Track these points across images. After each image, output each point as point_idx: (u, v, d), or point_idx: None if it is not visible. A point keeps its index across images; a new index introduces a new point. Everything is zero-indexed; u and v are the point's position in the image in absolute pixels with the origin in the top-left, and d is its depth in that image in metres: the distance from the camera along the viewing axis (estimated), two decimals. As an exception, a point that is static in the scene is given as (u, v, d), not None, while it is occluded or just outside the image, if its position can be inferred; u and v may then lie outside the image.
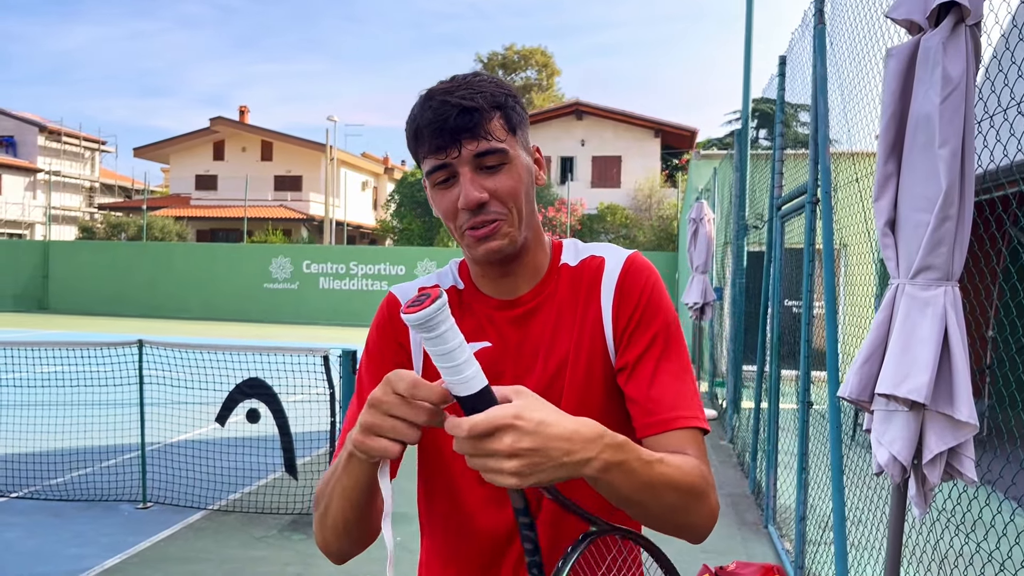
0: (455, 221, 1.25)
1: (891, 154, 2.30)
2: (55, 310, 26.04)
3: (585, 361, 1.28)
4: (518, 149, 1.26)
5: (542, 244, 1.37)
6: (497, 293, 1.34)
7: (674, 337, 1.28)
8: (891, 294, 2.31)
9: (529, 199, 1.28)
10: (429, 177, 1.24)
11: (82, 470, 6.41)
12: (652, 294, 1.30)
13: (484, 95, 1.21)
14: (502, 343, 1.32)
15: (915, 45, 2.24)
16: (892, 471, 2.25)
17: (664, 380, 1.24)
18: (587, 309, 1.31)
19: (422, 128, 1.21)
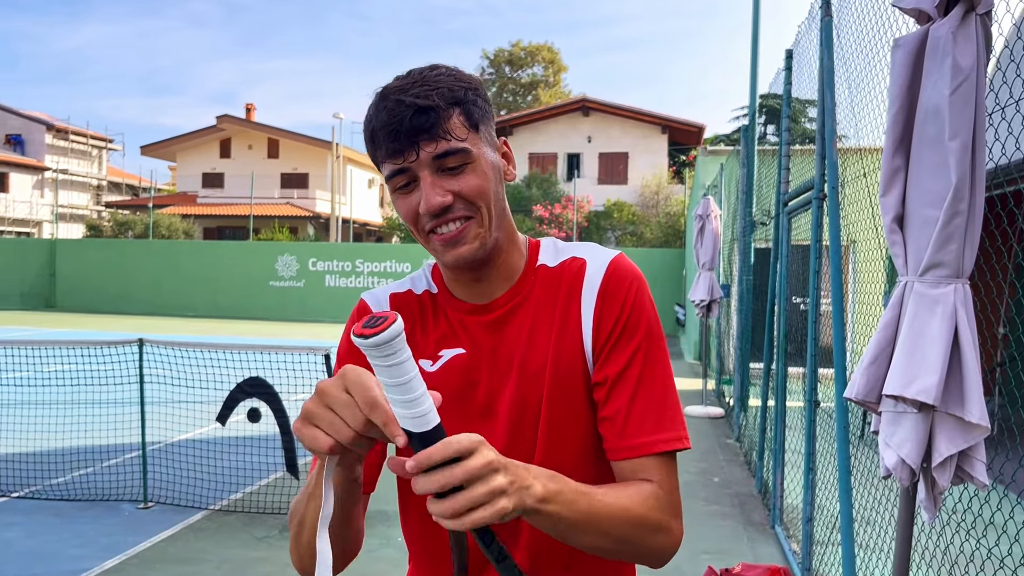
0: (418, 225, 1.19)
1: (899, 148, 2.23)
2: (62, 308, 26.10)
3: (564, 370, 1.21)
4: (482, 146, 1.19)
5: (516, 244, 1.30)
6: (470, 297, 1.28)
7: (656, 347, 1.21)
8: (899, 292, 2.24)
9: (498, 198, 1.21)
10: (389, 182, 1.18)
11: (83, 470, 6.38)
12: (636, 302, 1.22)
13: (441, 92, 1.14)
14: (476, 349, 1.25)
15: (924, 35, 2.17)
16: (900, 475, 2.18)
17: (645, 399, 1.18)
18: (566, 315, 1.24)
19: (377, 131, 1.15)
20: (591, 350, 1.21)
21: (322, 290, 24.79)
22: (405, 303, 1.32)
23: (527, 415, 1.21)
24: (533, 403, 1.21)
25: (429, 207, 1.13)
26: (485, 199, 1.17)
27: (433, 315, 1.30)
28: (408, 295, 1.33)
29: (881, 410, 2.27)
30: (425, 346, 1.27)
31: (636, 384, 1.18)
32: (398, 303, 1.32)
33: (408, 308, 1.31)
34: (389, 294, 1.34)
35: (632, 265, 1.26)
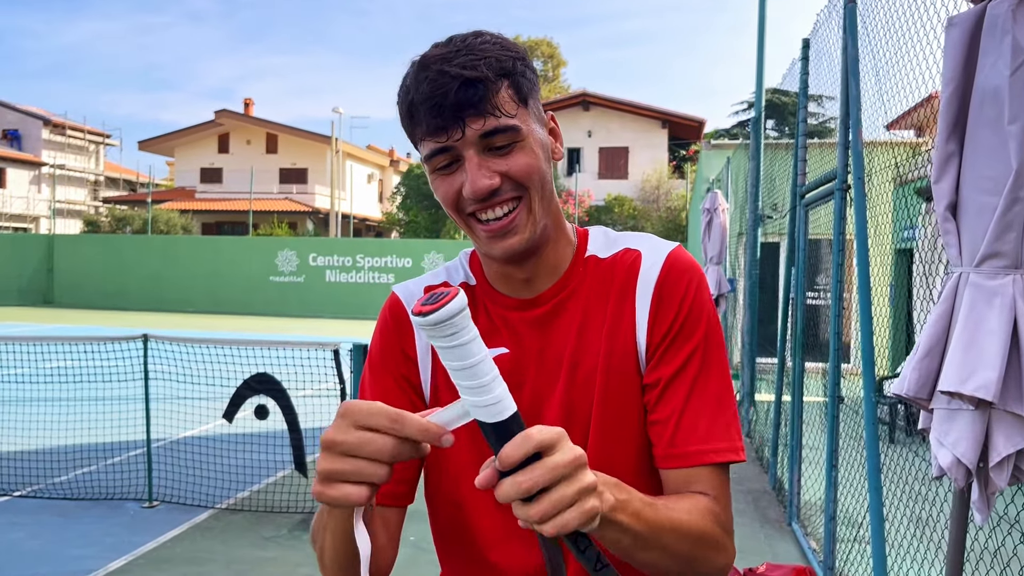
0: (459, 209, 1.07)
1: (953, 132, 2.13)
2: (60, 304, 25.97)
3: (617, 371, 1.10)
4: (531, 123, 1.07)
5: (564, 232, 1.18)
6: (513, 290, 1.16)
7: (714, 350, 1.11)
8: (952, 284, 2.13)
9: (547, 180, 1.10)
10: (428, 162, 1.06)
11: (86, 468, 6.27)
12: (695, 300, 1.11)
13: (488, 61, 1.02)
14: (520, 349, 1.14)
15: (980, 13, 2.06)
16: (956, 475, 2.08)
17: (699, 405, 1.07)
18: (620, 312, 1.12)
19: (417, 105, 1.02)
20: (644, 352, 1.11)
21: (323, 285, 24.69)
22: None
23: (576, 420, 1.11)
24: (583, 407, 1.11)
25: (475, 190, 1.02)
26: (535, 181, 1.06)
27: (472, 310, 1.17)
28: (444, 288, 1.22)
29: (933, 407, 2.16)
30: None
31: (690, 388, 1.08)
32: None
33: None
34: (424, 287, 1.22)
35: (691, 259, 1.15)
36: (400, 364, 1.17)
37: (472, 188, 1.02)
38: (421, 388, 1.17)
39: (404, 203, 35.34)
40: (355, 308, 24.18)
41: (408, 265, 24.23)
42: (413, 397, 1.16)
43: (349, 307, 24.26)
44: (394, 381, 1.16)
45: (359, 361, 5.22)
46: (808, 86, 5.47)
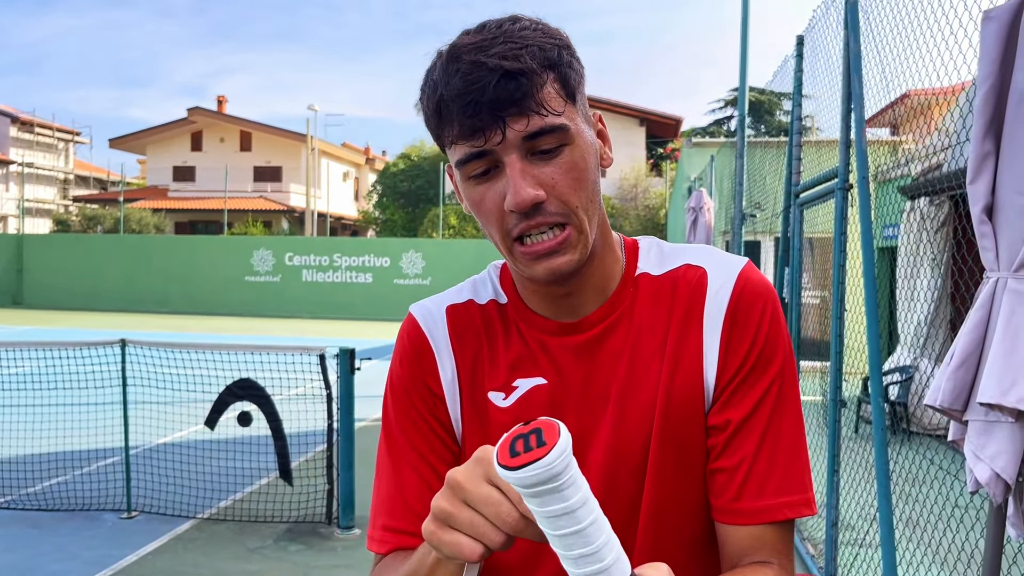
0: (500, 227, 0.92)
1: (989, 130, 2.03)
2: (30, 305, 25.45)
3: (679, 410, 0.96)
4: (579, 122, 0.93)
5: (611, 247, 1.03)
6: (553, 311, 1.01)
7: (789, 385, 0.97)
8: (989, 290, 2.04)
9: (596, 189, 0.95)
10: (461, 169, 0.91)
11: (61, 477, 6.06)
12: (771, 328, 0.97)
13: (531, 51, 0.87)
14: (560, 379, 0.99)
15: (1018, 5, 1.97)
16: (994, 490, 1.98)
17: (771, 453, 0.94)
18: (683, 340, 0.98)
19: (448, 102, 0.87)
20: (711, 388, 0.97)
21: (299, 285, 24.41)
22: (466, 318, 1.05)
23: (626, 464, 0.97)
24: (635, 449, 0.97)
25: (519, 202, 0.87)
26: (585, 190, 0.92)
27: (504, 333, 1.03)
28: (470, 307, 1.06)
29: (968, 418, 2.07)
30: (495, 374, 1.02)
31: (763, 433, 0.94)
32: (457, 317, 1.06)
33: (471, 325, 1.05)
34: (446, 307, 1.07)
35: (763, 278, 1.01)
36: (426, 400, 1.04)
37: (515, 200, 0.87)
38: (451, 425, 1.04)
39: (380, 201, 35.07)
40: (332, 308, 23.93)
41: (386, 264, 24.01)
42: (445, 437, 1.04)
43: (326, 307, 24.00)
44: (423, 420, 1.03)
45: (345, 366, 5.08)
46: (802, 83, 5.39)
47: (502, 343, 1.03)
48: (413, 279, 23.81)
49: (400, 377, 1.06)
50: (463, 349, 1.04)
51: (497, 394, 1.01)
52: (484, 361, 1.03)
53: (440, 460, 1.01)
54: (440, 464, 1.01)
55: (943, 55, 2.98)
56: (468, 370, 1.03)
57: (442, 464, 1.01)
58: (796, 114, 5.44)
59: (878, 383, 3.53)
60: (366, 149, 46.58)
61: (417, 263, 23.82)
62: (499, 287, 1.07)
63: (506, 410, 1.00)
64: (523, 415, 0.98)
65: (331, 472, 5.20)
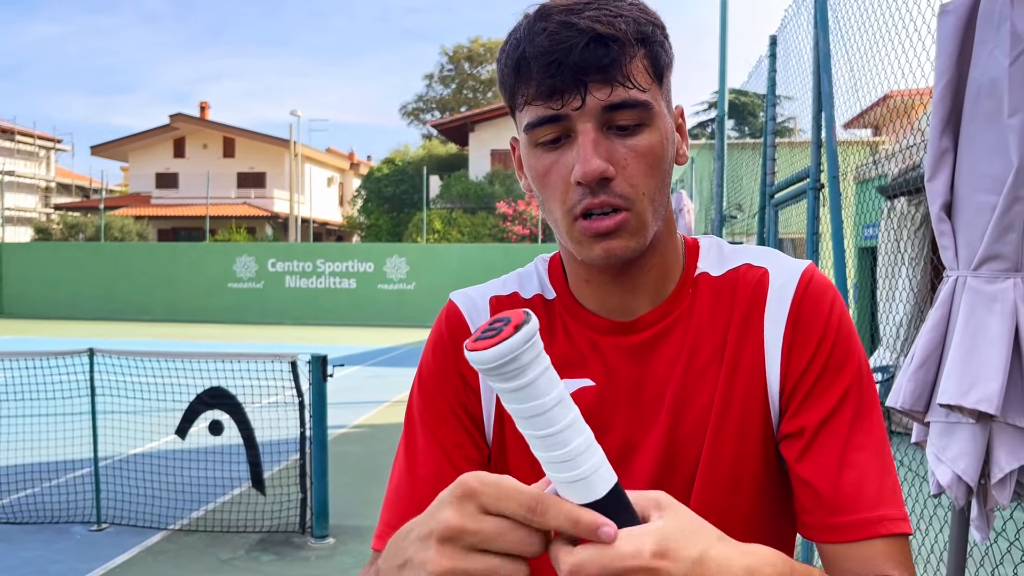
0: (563, 201, 0.86)
1: (946, 127, 2.00)
2: (10, 314, 25.18)
3: (737, 417, 0.89)
4: (663, 105, 0.87)
5: (674, 243, 0.97)
6: (605, 308, 0.95)
7: (868, 391, 0.89)
8: (948, 288, 2.00)
9: (667, 180, 0.89)
10: (530, 132, 0.85)
11: (30, 489, 5.95)
12: (840, 328, 0.90)
13: (626, 19, 0.82)
14: (611, 382, 0.93)
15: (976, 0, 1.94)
16: (956, 493, 1.95)
17: (859, 461, 0.85)
18: (742, 343, 0.91)
19: (528, 60, 0.82)
20: (777, 392, 0.90)
21: (282, 291, 24.26)
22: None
23: (678, 474, 0.90)
24: (687, 459, 0.90)
25: (586, 171, 0.81)
26: (656, 178, 0.86)
27: (549, 330, 0.96)
28: (514, 299, 1.00)
29: (930, 420, 2.03)
30: None
31: (846, 439, 0.86)
32: (500, 309, 0.99)
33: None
34: (489, 297, 1.00)
35: (827, 278, 0.95)
36: (458, 391, 0.95)
37: (583, 168, 0.81)
38: (483, 422, 0.96)
39: (365, 206, 34.94)
40: (316, 314, 23.80)
41: (370, 269, 23.89)
42: (473, 432, 0.95)
43: (310, 313, 23.87)
44: (451, 411, 0.95)
45: (317, 373, 5.01)
46: (776, 84, 5.37)
47: (547, 340, 0.95)
48: (397, 284, 23.71)
49: (430, 367, 0.98)
50: None
51: None
52: None
53: (464, 457, 0.93)
54: (463, 461, 0.92)
55: (907, 53, 2.95)
56: None
57: (465, 462, 0.93)
58: (770, 114, 5.42)
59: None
60: (350, 154, 46.45)
61: (401, 268, 23.71)
62: (547, 281, 1.00)
63: None
64: None
65: (304, 481, 5.13)
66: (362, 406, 9.73)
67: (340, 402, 9.69)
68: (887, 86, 3.46)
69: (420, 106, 48.41)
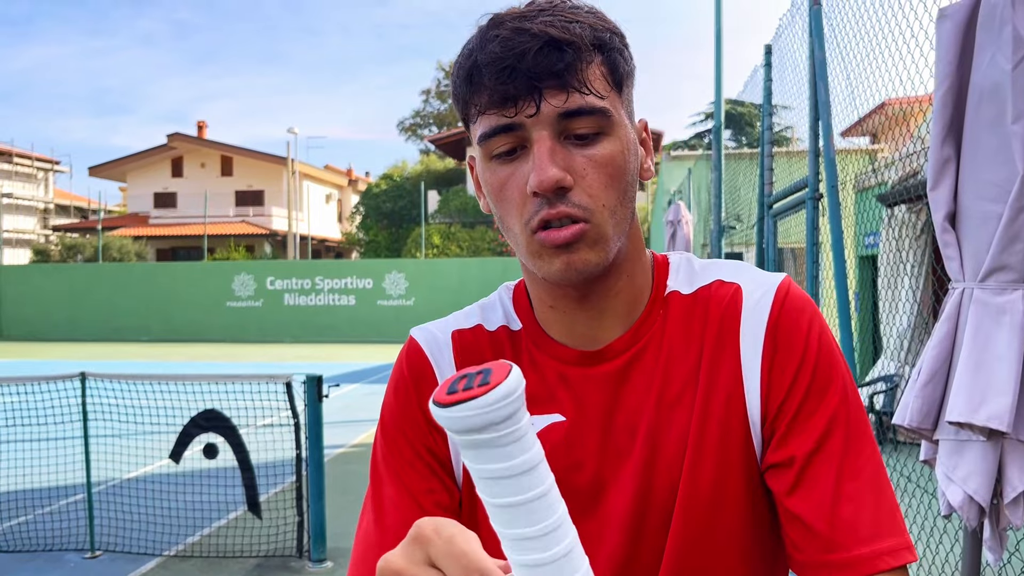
0: (520, 214, 0.80)
1: (948, 134, 1.94)
2: (8, 337, 25.12)
3: (716, 447, 0.83)
4: (623, 114, 0.83)
5: (642, 263, 0.91)
6: (573, 337, 0.89)
7: (856, 412, 0.83)
8: (955, 301, 1.94)
9: (630, 193, 0.84)
10: (484, 144, 0.81)
11: (22, 517, 5.86)
12: (821, 345, 0.84)
13: (582, 25, 0.78)
14: (581, 416, 0.87)
15: (974, 3, 1.88)
16: (967, 514, 1.87)
17: (854, 491, 0.79)
18: (717, 365, 0.85)
19: (481, 67, 0.78)
20: (758, 417, 0.84)
21: (281, 309, 24.20)
22: (474, 345, 0.93)
23: (654, 512, 0.84)
24: (664, 495, 0.84)
25: (541, 179, 0.77)
26: (616, 190, 0.81)
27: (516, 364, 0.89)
28: (478, 332, 0.94)
29: (938, 438, 1.96)
30: None
31: (839, 466, 0.80)
32: (465, 343, 0.93)
33: (479, 353, 0.92)
34: (451, 332, 0.94)
35: (804, 292, 0.88)
36: (422, 432, 0.89)
37: (538, 177, 0.77)
38: (450, 463, 0.90)
39: (364, 222, 34.94)
40: (315, 331, 23.72)
41: (369, 286, 23.84)
42: (442, 475, 0.89)
43: (309, 330, 23.80)
44: (416, 455, 0.89)
45: (312, 394, 4.93)
46: (772, 93, 5.32)
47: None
48: (396, 299, 23.65)
49: (392, 409, 0.92)
50: None
51: None
52: None
53: (435, 503, 0.87)
54: (434, 507, 0.87)
55: (905, 60, 2.90)
56: None
57: (436, 508, 0.87)
58: (766, 124, 5.37)
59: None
60: (348, 171, 46.49)
61: (400, 284, 23.66)
62: (512, 311, 0.94)
63: None
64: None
65: (301, 503, 5.04)
66: (361, 424, 9.64)
67: (339, 420, 9.60)
68: (884, 94, 3.41)
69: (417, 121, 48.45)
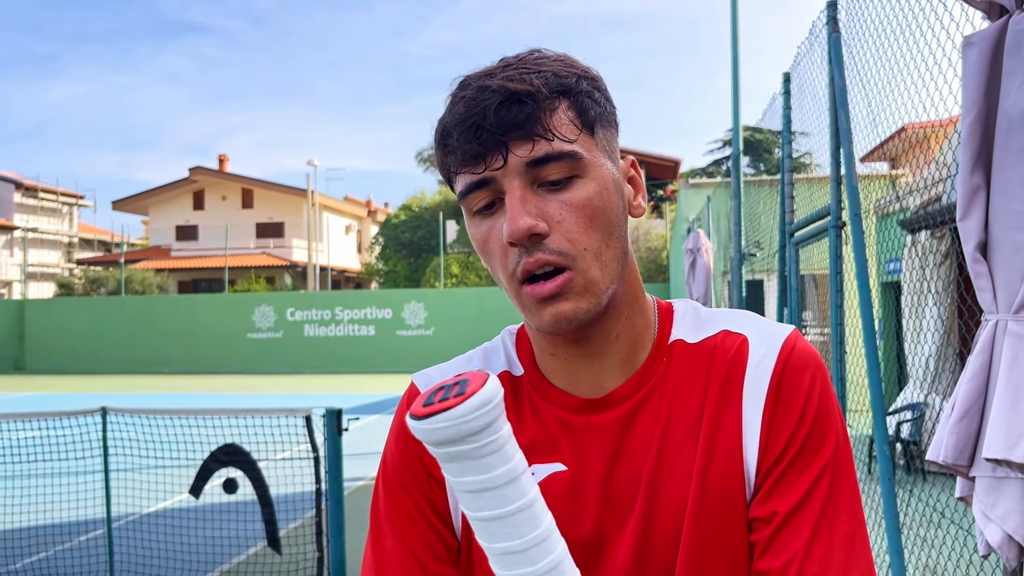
0: (504, 266, 0.81)
1: (977, 163, 1.90)
2: (31, 370, 25.34)
3: (715, 500, 0.82)
4: (597, 155, 0.82)
5: (641, 306, 0.90)
6: (574, 384, 0.88)
7: (844, 470, 0.83)
8: (988, 333, 1.88)
9: (615, 233, 0.83)
10: (464, 200, 0.83)
11: (43, 552, 5.85)
12: (821, 404, 0.83)
13: (544, 75, 0.79)
14: (583, 466, 0.85)
15: (1000, 29, 1.85)
16: (1007, 554, 1.81)
17: (825, 551, 0.79)
18: (719, 418, 0.84)
19: (450, 129, 0.81)
20: (753, 470, 0.83)
21: (301, 340, 24.28)
22: None
23: (655, 566, 0.83)
24: (665, 548, 0.82)
25: (512, 230, 0.77)
26: (598, 231, 0.80)
27: (517, 411, 0.89)
28: None
29: (975, 475, 1.90)
30: None
31: (815, 527, 0.79)
32: None
33: None
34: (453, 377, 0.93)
35: (811, 348, 0.87)
36: (421, 483, 0.88)
37: (510, 227, 0.77)
38: (449, 514, 0.88)
39: (383, 253, 35.09)
40: (335, 362, 23.75)
41: (388, 316, 23.88)
42: (440, 529, 0.88)
43: (329, 361, 23.83)
44: (416, 507, 0.88)
45: (332, 428, 4.90)
46: (791, 121, 5.29)
47: (515, 423, 0.88)
48: (416, 330, 23.67)
49: (393, 457, 0.91)
50: None
51: None
52: None
53: (434, 558, 0.87)
54: (432, 561, 0.86)
55: (928, 86, 2.87)
56: None
57: (434, 561, 0.86)
58: (786, 151, 5.34)
59: (882, 429, 3.35)
60: (368, 201, 46.82)
61: (419, 313, 23.68)
62: (514, 356, 0.93)
63: None
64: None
65: (320, 539, 4.99)
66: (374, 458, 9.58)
67: (359, 453, 9.54)
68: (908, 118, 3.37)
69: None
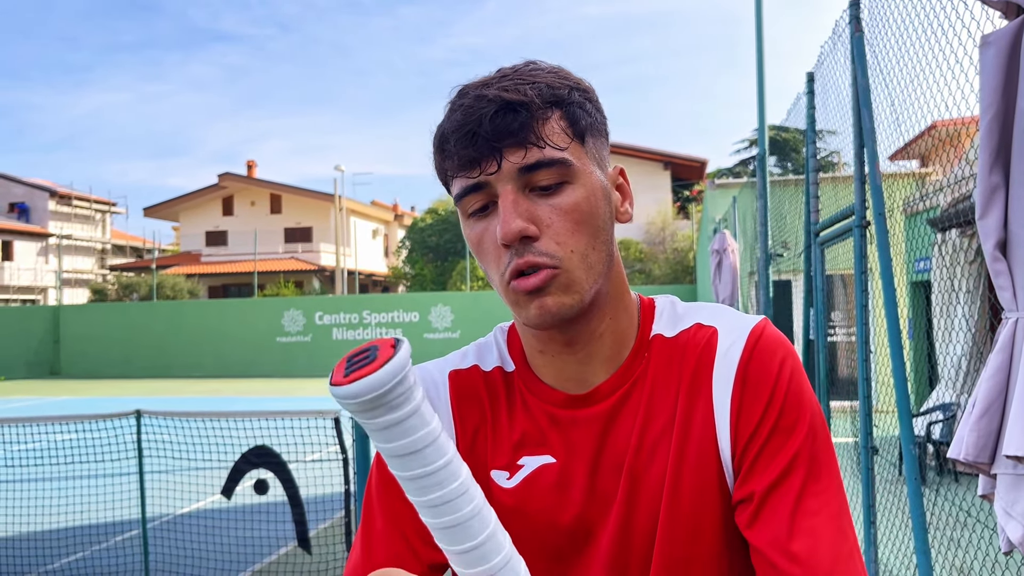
0: (496, 266, 0.85)
1: (996, 161, 1.91)
2: (67, 375, 25.79)
3: (691, 489, 0.86)
4: (587, 162, 0.87)
5: (625, 305, 0.94)
6: (562, 380, 0.92)
7: (822, 453, 0.85)
8: (1009, 331, 1.89)
9: (603, 237, 0.88)
10: (459, 203, 0.88)
11: (80, 553, 5.97)
12: (790, 386, 0.86)
13: (537, 86, 0.84)
14: (571, 457, 0.89)
15: (1018, 29, 1.86)
16: (1029, 551, 1.81)
17: (810, 527, 0.81)
18: (691, 407, 0.88)
19: (448, 136, 0.85)
20: (728, 456, 0.86)
21: (329, 343, 24.46)
22: (469, 385, 0.97)
23: (635, 553, 0.86)
24: (644, 537, 0.86)
25: (505, 232, 0.82)
26: (585, 235, 0.85)
27: (508, 406, 0.94)
28: (474, 373, 0.98)
29: (996, 472, 1.91)
30: (499, 451, 0.93)
31: (796, 503, 0.82)
32: (461, 384, 0.97)
33: (475, 394, 0.96)
34: (448, 372, 0.98)
35: (779, 334, 0.91)
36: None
37: (502, 229, 0.82)
38: None
39: (410, 256, 35.27)
40: (364, 365, 23.90)
41: (415, 319, 24.00)
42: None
43: (357, 364, 23.98)
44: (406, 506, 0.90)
45: (360, 429, 4.96)
46: (815, 121, 5.28)
47: (506, 416, 0.94)
48: (443, 333, 23.77)
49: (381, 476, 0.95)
50: (465, 420, 0.95)
51: (501, 473, 0.92)
52: (487, 436, 0.94)
53: (422, 540, 0.90)
54: (421, 544, 0.89)
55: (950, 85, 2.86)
56: (468, 444, 0.94)
57: (423, 545, 0.89)
58: (810, 152, 5.32)
59: (908, 429, 3.34)
60: (394, 206, 47.09)
61: (446, 317, 23.79)
62: (506, 353, 0.98)
63: (510, 491, 0.91)
64: (529, 498, 0.90)
65: (350, 539, 5.06)
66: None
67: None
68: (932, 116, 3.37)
69: (461, 156, 48.94)
